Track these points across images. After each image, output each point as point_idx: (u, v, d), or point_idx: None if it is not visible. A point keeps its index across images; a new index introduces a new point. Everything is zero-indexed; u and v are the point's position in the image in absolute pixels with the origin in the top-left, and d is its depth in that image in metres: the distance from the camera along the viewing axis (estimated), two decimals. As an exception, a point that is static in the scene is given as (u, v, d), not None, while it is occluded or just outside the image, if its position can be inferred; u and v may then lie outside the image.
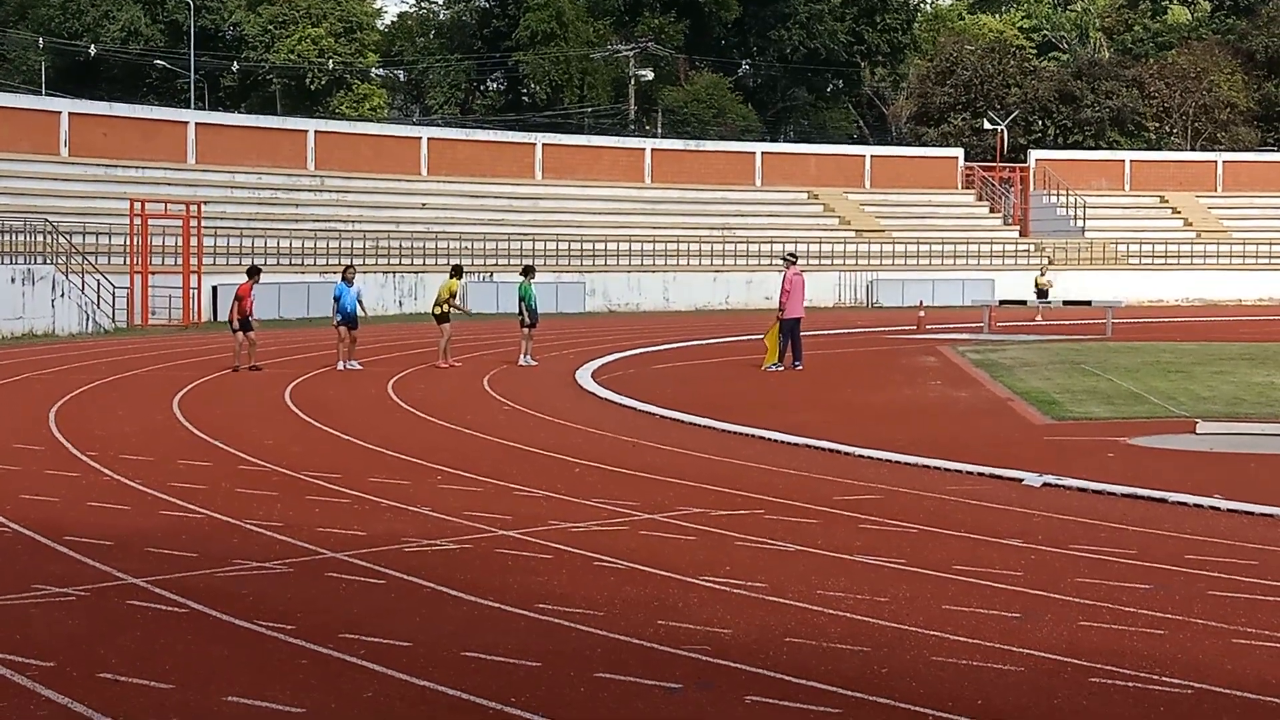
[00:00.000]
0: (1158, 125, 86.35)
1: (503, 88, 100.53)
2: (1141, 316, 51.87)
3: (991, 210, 72.16)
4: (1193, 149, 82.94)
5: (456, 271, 30.97)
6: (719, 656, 8.15)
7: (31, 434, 18.23)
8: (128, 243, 45.19)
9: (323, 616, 9.03)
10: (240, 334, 28.23)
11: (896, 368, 30.12)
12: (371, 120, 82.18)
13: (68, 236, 43.29)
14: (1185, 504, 13.27)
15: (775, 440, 17.93)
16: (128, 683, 7.61)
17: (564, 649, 8.32)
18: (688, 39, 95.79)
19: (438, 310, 29.90)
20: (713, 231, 62.70)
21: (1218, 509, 13.02)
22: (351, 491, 13.79)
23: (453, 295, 29.90)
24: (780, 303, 29.16)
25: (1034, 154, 75.82)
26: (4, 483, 14.32)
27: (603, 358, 31.92)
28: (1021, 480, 14.62)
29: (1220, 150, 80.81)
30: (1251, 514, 12.81)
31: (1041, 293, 50.49)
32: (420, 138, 64.33)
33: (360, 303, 29.39)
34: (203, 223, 46.47)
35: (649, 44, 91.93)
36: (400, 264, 53.87)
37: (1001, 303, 48.31)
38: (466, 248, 54.71)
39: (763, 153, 71.51)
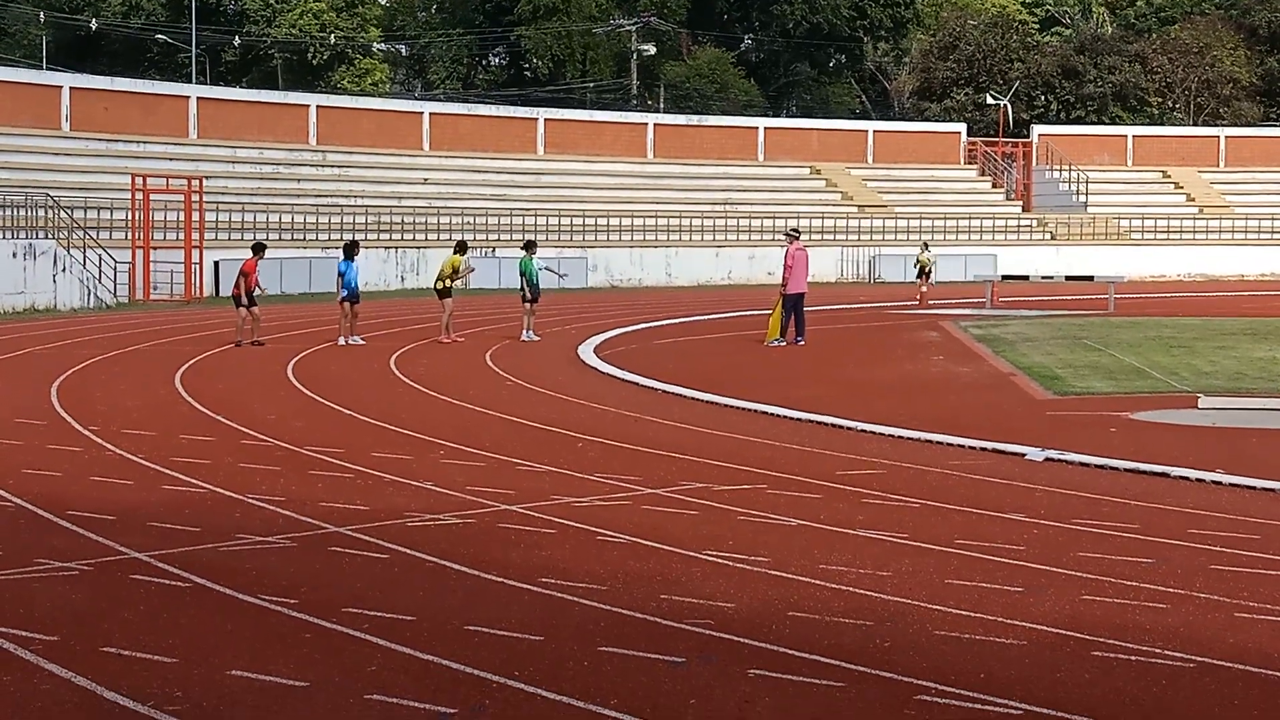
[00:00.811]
0: (1160, 100, 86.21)
1: (505, 62, 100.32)
2: (1144, 292, 51.86)
3: (994, 185, 72.08)
4: (1195, 124, 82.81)
5: (460, 247, 30.96)
6: (722, 630, 8.16)
7: (34, 409, 18.23)
8: (129, 218, 45.17)
9: (326, 591, 9.05)
10: (243, 309, 28.27)
11: (899, 343, 30.12)
12: (373, 95, 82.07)
13: (69, 211, 43.29)
14: (1187, 478, 13.26)
15: (778, 415, 17.93)
16: (131, 657, 7.62)
17: (567, 623, 8.33)
18: (690, 14, 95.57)
19: (440, 285, 29.92)
20: (715, 206, 62.64)
21: (1220, 483, 13.02)
22: (354, 466, 13.80)
23: (455, 271, 29.91)
24: (783, 277, 29.15)
25: (1036, 129, 75.71)
26: (6, 457, 14.33)
27: (605, 333, 31.92)
28: (1024, 455, 14.63)
29: (1223, 125, 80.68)
30: (1254, 488, 12.82)
31: (923, 271, 47.33)
32: (422, 113, 64.22)
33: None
34: (204, 198, 46.45)
35: (651, 19, 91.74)
36: (402, 239, 53.85)
37: (1004, 278, 48.34)
38: (469, 223, 54.66)
39: (765, 128, 71.40)
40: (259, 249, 29.90)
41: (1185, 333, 30.85)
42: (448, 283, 29.68)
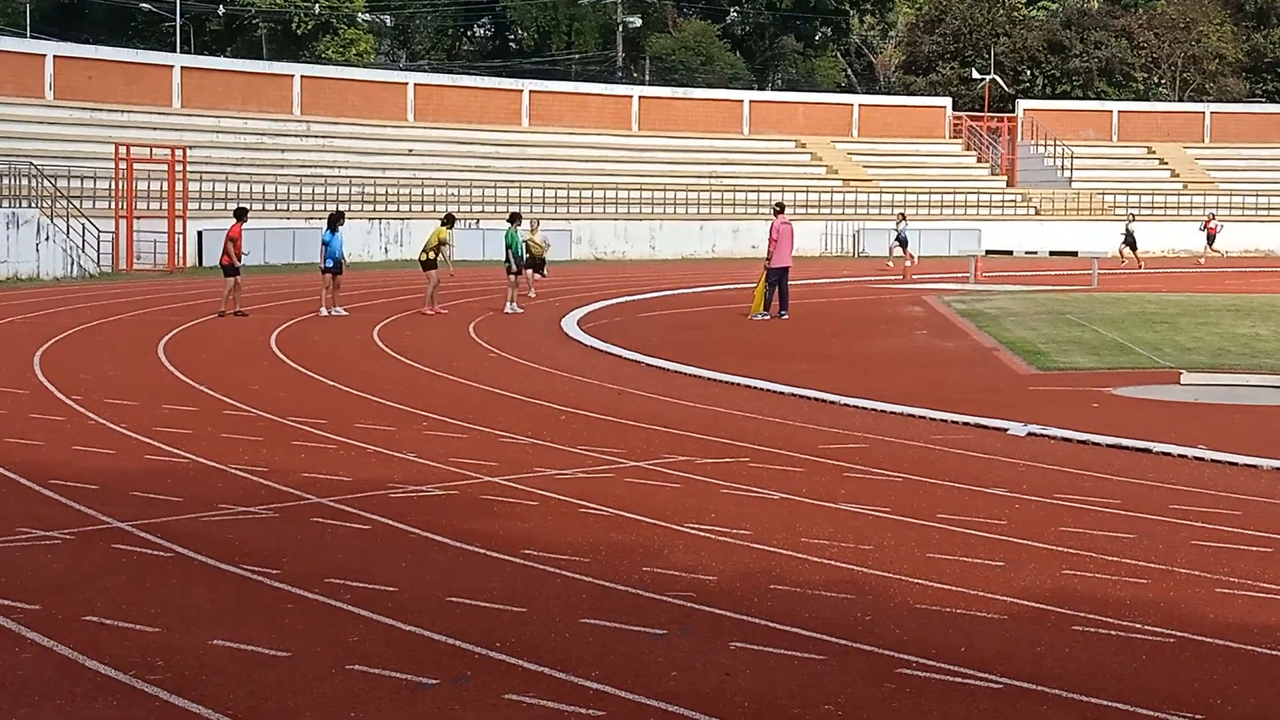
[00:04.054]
0: (1146, 76, 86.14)
1: (490, 34, 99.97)
2: (1127, 267, 51.88)
3: (979, 160, 72.02)
4: (1181, 100, 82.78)
5: (448, 220, 30.94)
6: (703, 603, 8.18)
7: (16, 378, 18.18)
8: (113, 187, 44.98)
9: (308, 561, 9.05)
10: (231, 278, 28.23)
11: (882, 317, 30.13)
12: (358, 65, 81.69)
13: (52, 180, 43.08)
14: (1169, 454, 13.31)
15: (761, 389, 17.95)
16: (113, 626, 7.62)
17: (549, 594, 8.34)
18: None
19: (424, 257, 29.89)
20: (699, 180, 62.51)
21: (1202, 459, 13.06)
22: (337, 437, 13.79)
23: (441, 243, 29.88)
24: (768, 251, 29.13)
25: (1022, 104, 75.63)
26: (-11, 426, 14.30)
27: (589, 305, 31.89)
28: (1006, 430, 14.66)
29: (1208, 101, 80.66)
30: (1235, 464, 12.86)
31: (536, 262, 35.43)
32: (407, 83, 63.95)
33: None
34: (188, 167, 46.27)
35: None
36: (386, 210, 53.69)
37: (988, 252, 48.37)
38: (453, 194, 54.51)
39: (750, 101, 71.22)
40: (241, 214, 29.82)
41: (1168, 309, 30.91)
42: (432, 254, 29.64)
